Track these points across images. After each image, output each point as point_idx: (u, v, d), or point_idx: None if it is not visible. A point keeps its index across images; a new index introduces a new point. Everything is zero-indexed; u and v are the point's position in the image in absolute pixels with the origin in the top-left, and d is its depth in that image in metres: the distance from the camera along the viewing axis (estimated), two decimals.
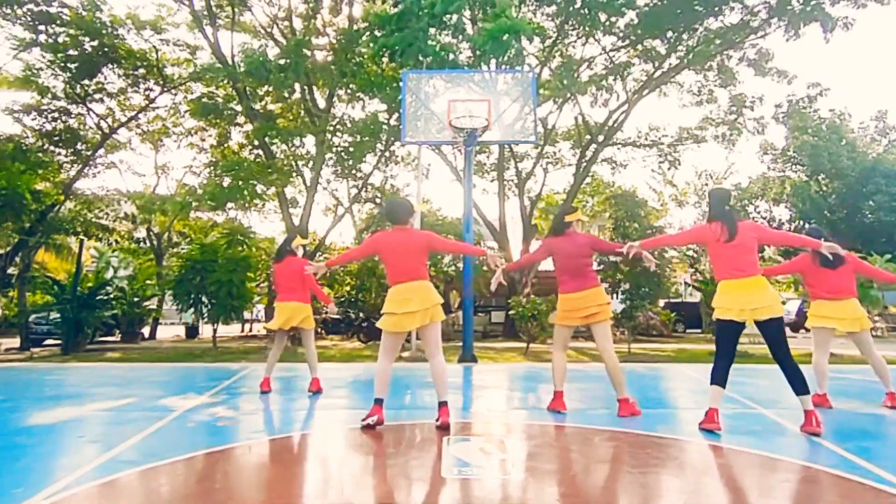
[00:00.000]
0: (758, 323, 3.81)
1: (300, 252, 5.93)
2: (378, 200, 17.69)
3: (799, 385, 3.75)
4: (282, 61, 12.59)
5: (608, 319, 4.47)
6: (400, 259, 3.98)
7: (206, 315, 12.00)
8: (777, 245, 4.56)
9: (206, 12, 14.02)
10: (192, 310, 12.14)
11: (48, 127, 14.48)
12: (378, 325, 3.97)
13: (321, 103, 15.16)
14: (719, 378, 3.89)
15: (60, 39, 13.31)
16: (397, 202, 4.50)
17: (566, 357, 4.69)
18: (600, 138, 17.55)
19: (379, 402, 3.92)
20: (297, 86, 14.55)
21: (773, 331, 3.82)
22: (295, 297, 5.51)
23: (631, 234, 12.42)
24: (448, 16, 10.62)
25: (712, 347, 5.30)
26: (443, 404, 3.92)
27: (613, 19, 14.12)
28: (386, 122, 14.32)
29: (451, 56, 10.92)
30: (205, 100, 14.52)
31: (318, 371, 5.73)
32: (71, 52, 13.53)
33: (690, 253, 18.09)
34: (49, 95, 14.21)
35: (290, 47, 12.67)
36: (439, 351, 4.04)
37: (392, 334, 4.00)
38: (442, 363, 4.04)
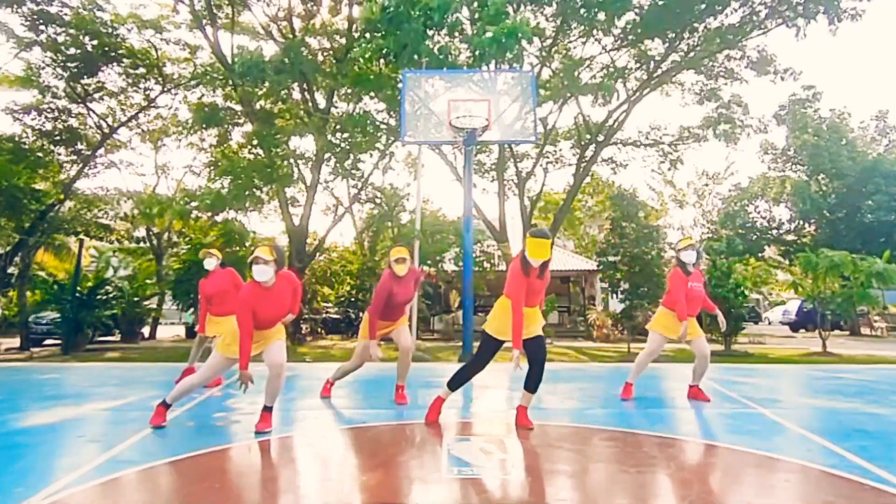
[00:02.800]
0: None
1: (213, 263, 5.83)
2: (378, 200, 17.68)
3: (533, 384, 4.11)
4: (278, 62, 12.55)
5: None
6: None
7: None
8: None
9: (206, 12, 14.01)
10: (191, 310, 12.13)
11: (48, 126, 14.47)
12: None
13: (321, 103, 15.16)
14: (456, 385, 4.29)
15: (61, 39, 13.29)
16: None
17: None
18: (600, 138, 17.55)
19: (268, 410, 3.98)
20: (295, 86, 14.54)
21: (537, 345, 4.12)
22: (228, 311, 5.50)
23: (628, 234, 12.43)
24: (445, 17, 10.59)
25: (712, 347, 5.32)
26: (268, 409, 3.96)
27: (612, 19, 14.11)
28: (384, 121, 14.30)
29: (450, 57, 10.91)
30: (205, 109, 14.47)
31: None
32: (71, 51, 13.51)
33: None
34: (49, 95, 14.20)
35: (288, 46, 12.64)
36: None
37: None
38: None
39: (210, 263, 5.82)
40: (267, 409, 3.90)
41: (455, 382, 4.27)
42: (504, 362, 9.24)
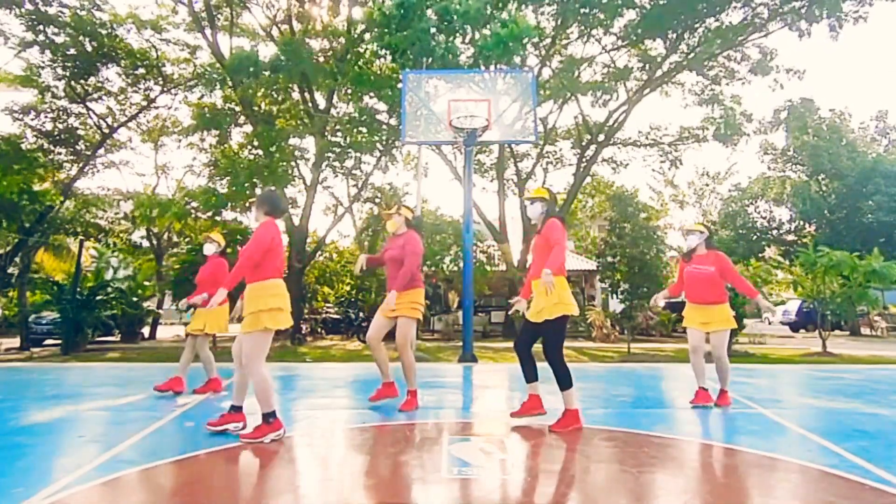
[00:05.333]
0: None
1: (212, 249, 5.54)
2: (378, 200, 17.70)
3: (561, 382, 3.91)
4: (275, 60, 12.56)
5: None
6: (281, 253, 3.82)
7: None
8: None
9: (204, 14, 14.00)
10: (191, 309, 12.10)
11: (48, 126, 14.47)
12: (274, 322, 3.57)
13: (321, 103, 15.16)
14: (530, 376, 4.04)
15: (59, 39, 13.29)
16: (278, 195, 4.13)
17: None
18: (600, 138, 17.55)
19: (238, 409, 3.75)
20: (295, 86, 14.55)
21: (544, 331, 3.97)
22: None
23: (625, 234, 12.43)
24: (457, 22, 10.62)
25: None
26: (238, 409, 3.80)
27: (612, 18, 14.11)
28: (385, 121, 14.31)
29: (452, 57, 10.92)
30: (205, 111, 14.46)
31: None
32: (70, 51, 13.52)
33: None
34: (49, 94, 14.20)
35: (283, 48, 12.63)
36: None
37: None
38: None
39: (209, 249, 5.54)
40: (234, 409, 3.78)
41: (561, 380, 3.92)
42: (503, 362, 9.25)
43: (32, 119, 14.22)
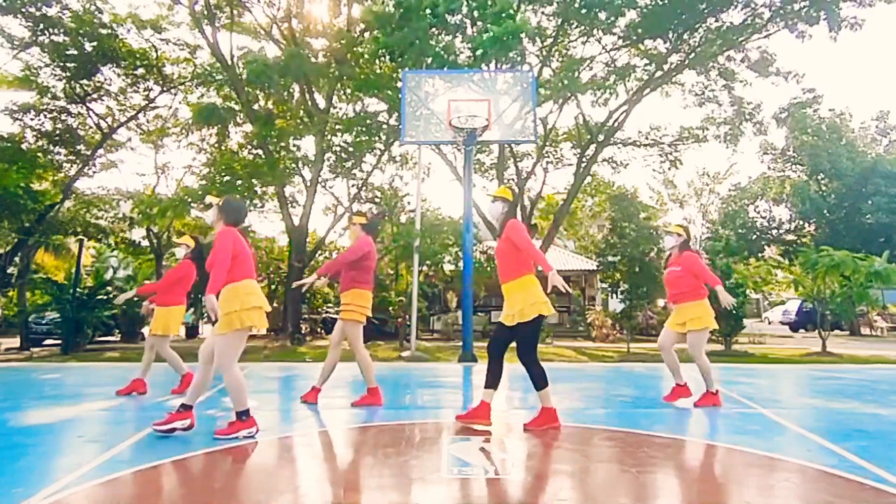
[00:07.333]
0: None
1: (181, 252, 5.64)
2: (378, 200, 17.66)
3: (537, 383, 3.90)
4: (281, 64, 12.58)
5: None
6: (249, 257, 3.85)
7: (205, 315, 12.00)
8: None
9: (205, 13, 14.00)
10: (191, 309, 12.12)
11: (48, 126, 14.45)
12: (251, 321, 3.66)
13: (321, 103, 15.15)
14: (490, 381, 3.98)
15: (60, 40, 13.27)
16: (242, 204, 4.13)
17: None
18: (600, 138, 17.53)
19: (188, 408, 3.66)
20: (296, 86, 14.53)
21: (518, 332, 3.92)
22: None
23: (627, 234, 12.43)
24: (450, 16, 10.60)
25: (712, 347, 5.32)
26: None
27: (614, 18, 14.11)
28: (385, 121, 14.30)
29: (452, 57, 10.91)
30: (204, 102, 14.46)
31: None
32: (70, 51, 13.50)
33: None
34: (49, 95, 14.18)
35: (290, 50, 12.64)
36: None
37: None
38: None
39: (180, 252, 5.68)
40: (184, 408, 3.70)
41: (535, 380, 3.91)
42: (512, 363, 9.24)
43: (32, 119, 14.20)
